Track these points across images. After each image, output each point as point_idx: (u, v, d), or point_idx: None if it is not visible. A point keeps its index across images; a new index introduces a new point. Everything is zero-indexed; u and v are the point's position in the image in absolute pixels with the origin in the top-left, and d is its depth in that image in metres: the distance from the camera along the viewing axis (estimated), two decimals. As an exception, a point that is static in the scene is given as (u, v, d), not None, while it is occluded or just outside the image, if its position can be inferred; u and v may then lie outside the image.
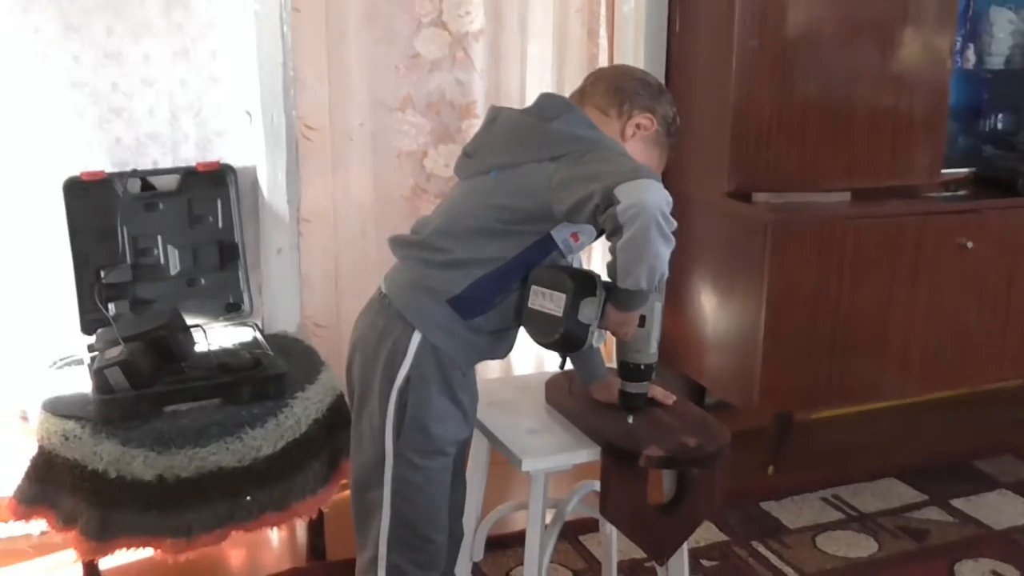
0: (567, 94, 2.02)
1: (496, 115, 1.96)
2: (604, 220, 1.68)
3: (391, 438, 1.88)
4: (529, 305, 1.84)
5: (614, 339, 1.98)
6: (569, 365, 2.16)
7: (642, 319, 1.93)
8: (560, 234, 1.86)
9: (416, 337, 1.85)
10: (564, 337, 1.80)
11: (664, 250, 1.69)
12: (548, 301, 1.80)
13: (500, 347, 1.98)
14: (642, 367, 2.00)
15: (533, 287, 1.83)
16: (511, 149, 1.87)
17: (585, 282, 1.80)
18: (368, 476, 1.93)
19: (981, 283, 3.23)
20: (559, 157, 1.80)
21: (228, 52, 2.81)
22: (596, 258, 3.34)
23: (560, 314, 1.78)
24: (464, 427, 1.96)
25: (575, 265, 1.99)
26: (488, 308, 1.87)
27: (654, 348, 1.99)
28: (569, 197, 1.74)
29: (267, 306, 2.96)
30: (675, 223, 1.70)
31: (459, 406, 1.91)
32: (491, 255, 1.84)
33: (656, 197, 1.66)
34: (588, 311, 1.80)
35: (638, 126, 1.96)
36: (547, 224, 1.84)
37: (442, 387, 1.88)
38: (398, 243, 1.96)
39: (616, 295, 1.79)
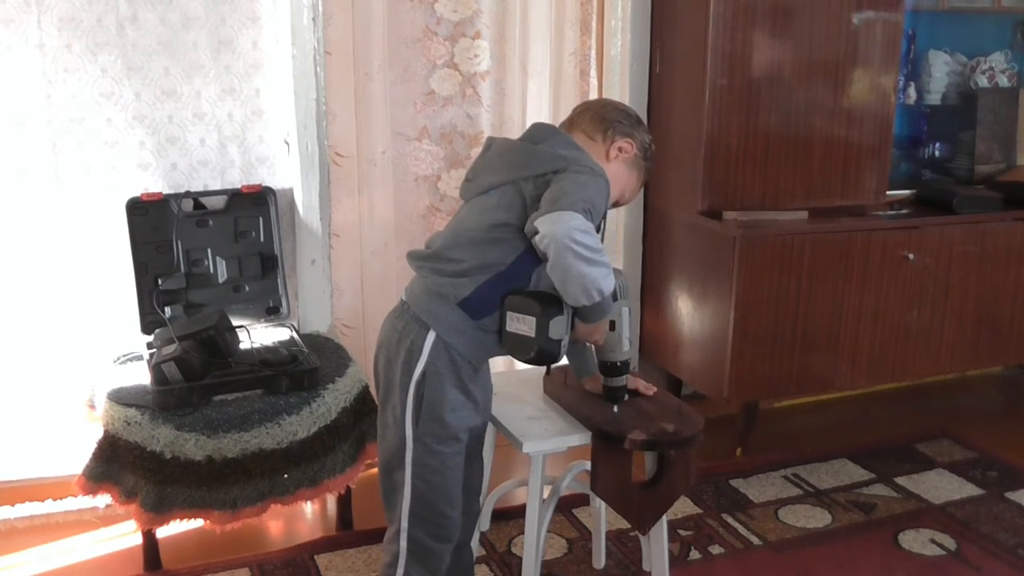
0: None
1: (491, 144, 1.95)
2: (536, 245, 1.70)
3: (411, 426, 1.86)
4: (507, 329, 1.81)
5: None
6: (565, 361, 2.15)
7: (612, 323, 1.93)
8: None
9: (431, 337, 1.83)
10: (539, 354, 1.79)
11: (589, 269, 1.67)
12: (522, 324, 1.78)
13: None
14: (618, 364, 2.00)
15: (508, 313, 1.80)
16: (502, 169, 1.86)
17: (550, 304, 1.77)
18: (392, 459, 1.91)
19: (920, 289, 3.22)
20: (540, 176, 1.79)
21: (269, 90, 2.81)
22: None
23: (533, 335, 1.76)
24: (475, 416, 1.92)
25: None
26: (495, 308, 1.85)
27: (627, 347, 1.99)
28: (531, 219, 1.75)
29: (302, 309, 2.95)
30: (596, 244, 1.68)
31: (470, 397, 1.89)
32: (492, 261, 1.82)
33: (565, 226, 1.64)
34: (557, 328, 1.77)
35: (620, 149, 1.95)
36: None
37: (454, 381, 1.85)
38: (414, 257, 1.94)
39: (578, 311, 1.78)
